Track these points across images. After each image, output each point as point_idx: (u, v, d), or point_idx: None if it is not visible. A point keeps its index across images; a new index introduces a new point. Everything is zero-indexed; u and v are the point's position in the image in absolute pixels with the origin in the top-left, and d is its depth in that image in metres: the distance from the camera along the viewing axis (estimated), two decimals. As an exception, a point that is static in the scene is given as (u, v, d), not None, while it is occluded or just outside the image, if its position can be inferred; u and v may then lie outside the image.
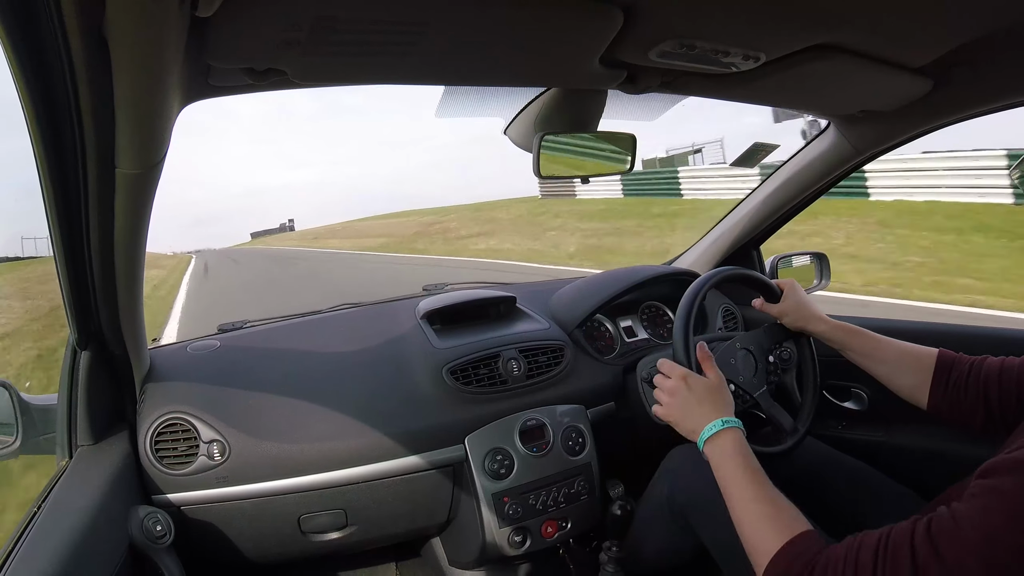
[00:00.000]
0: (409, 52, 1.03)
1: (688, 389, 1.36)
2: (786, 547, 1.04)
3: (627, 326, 2.23)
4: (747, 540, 1.12)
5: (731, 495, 1.18)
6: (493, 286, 2.43)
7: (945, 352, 1.37)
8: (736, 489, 1.18)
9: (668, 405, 1.38)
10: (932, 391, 1.36)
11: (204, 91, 1.06)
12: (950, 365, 1.35)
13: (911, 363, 1.40)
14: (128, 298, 1.33)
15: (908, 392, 1.41)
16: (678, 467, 1.64)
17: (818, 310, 1.60)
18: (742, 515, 1.15)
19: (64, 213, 1.02)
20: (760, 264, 2.45)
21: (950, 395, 1.33)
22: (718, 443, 1.26)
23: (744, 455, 1.22)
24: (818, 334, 1.58)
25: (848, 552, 0.96)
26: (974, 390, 1.29)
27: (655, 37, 1.08)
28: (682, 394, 1.36)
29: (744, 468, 1.20)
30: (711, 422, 1.29)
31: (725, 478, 1.21)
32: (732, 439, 1.26)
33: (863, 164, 1.97)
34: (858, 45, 1.22)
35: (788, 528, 1.07)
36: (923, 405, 1.38)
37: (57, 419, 1.47)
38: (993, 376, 1.27)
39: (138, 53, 0.73)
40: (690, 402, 1.34)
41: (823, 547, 1.01)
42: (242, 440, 1.60)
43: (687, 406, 1.34)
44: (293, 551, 1.76)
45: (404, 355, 1.87)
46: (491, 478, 1.75)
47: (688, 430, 1.33)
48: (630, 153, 1.59)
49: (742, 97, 1.51)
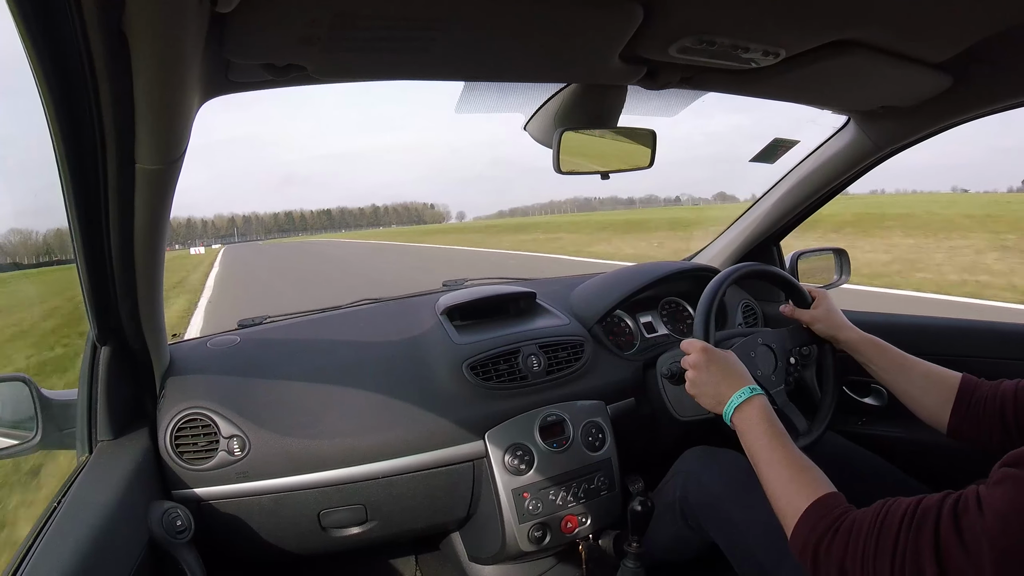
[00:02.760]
0: (428, 48, 1.03)
1: (709, 360, 1.38)
2: (814, 506, 1.07)
3: (647, 322, 2.22)
4: (776, 501, 1.15)
5: (760, 459, 1.21)
6: (513, 281, 2.43)
7: (968, 377, 1.37)
8: (765, 453, 1.20)
9: (692, 379, 1.40)
10: (953, 415, 1.35)
11: (224, 87, 1.07)
12: (972, 390, 1.34)
13: (935, 386, 1.40)
14: (148, 293, 1.33)
15: (928, 414, 1.41)
16: (692, 470, 1.64)
17: (847, 321, 1.59)
18: (771, 478, 1.17)
19: (84, 209, 1.03)
20: (780, 260, 2.44)
21: (970, 418, 1.33)
22: (746, 410, 1.29)
23: (771, 421, 1.26)
24: (846, 344, 1.57)
25: (876, 515, 0.99)
26: (991, 411, 1.29)
27: (675, 33, 1.08)
28: (703, 367, 1.38)
29: (772, 434, 1.23)
30: (737, 391, 1.31)
31: (754, 444, 1.24)
32: (760, 406, 1.29)
33: (883, 160, 1.96)
34: (878, 41, 1.21)
35: (816, 489, 1.10)
36: (943, 428, 1.38)
37: (77, 414, 1.47)
38: (1009, 396, 1.27)
39: (158, 49, 0.74)
40: (713, 373, 1.36)
41: (849, 508, 1.05)
42: (262, 435, 1.60)
43: (712, 377, 1.36)
44: (313, 546, 1.76)
45: (424, 351, 1.87)
46: (511, 474, 1.75)
47: (714, 401, 1.35)
48: (650, 149, 1.59)
49: (762, 93, 1.50)
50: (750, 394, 1.30)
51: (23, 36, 0.69)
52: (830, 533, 1.02)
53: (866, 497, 1.60)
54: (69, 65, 0.75)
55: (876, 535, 0.96)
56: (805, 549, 1.06)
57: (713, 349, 1.41)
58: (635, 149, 1.59)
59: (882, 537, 0.95)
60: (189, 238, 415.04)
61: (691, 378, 1.40)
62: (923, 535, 0.90)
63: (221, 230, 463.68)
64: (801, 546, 1.07)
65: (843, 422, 2.01)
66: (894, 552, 0.93)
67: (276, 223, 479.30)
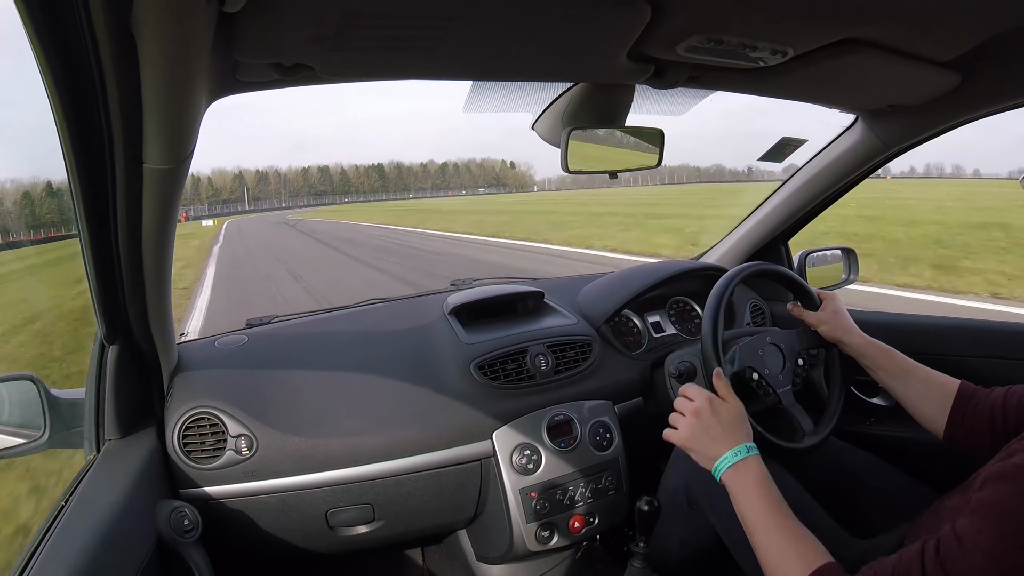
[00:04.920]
0: (436, 48, 1.03)
1: (714, 413, 1.32)
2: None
3: (655, 321, 2.22)
4: (765, 567, 1.12)
5: (755, 526, 1.17)
6: (521, 281, 2.43)
7: (965, 384, 1.37)
8: (761, 521, 1.16)
9: (689, 427, 1.33)
10: (949, 423, 1.36)
11: (232, 86, 1.07)
12: (968, 397, 1.35)
13: (936, 393, 1.40)
14: (156, 293, 1.33)
15: (927, 421, 1.41)
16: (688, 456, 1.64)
17: (854, 324, 1.59)
18: (765, 545, 1.14)
19: (92, 208, 1.03)
20: (788, 260, 2.44)
21: (964, 427, 1.34)
22: (742, 470, 1.24)
23: (767, 485, 1.21)
24: (851, 348, 1.57)
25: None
26: (983, 419, 1.30)
27: (683, 32, 1.08)
28: (706, 417, 1.32)
29: (768, 499, 1.18)
30: (734, 447, 1.26)
31: (748, 508, 1.19)
32: (756, 466, 1.24)
33: (891, 159, 1.96)
34: (886, 39, 1.21)
35: (811, 560, 1.06)
36: (940, 435, 1.39)
37: (85, 413, 1.47)
38: (998, 403, 1.28)
39: (166, 49, 0.74)
40: (714, 426, 1.31)
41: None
42: (270, 435, 1.61)
43: (711, 430, 1.31)
44: (320, 545, 1.76)
45: (432, 350, 1.87)
46: (519, 473, 1.75)
47: (707, 456, 1.29)
48: (658, 148, 1.59)
49: (770, 92, 1.50)
50: (747, 453, 1.25)
51: (31, 36, 0.69)
52: None
53: (873, 500, 1.61)
54: (77, 65, 0.75)
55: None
56: None
57: (719, 401, 1.35)
58: (643, 148, 1.59)
59: None
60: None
61: (688, 424, 1.34)
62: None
63: (222, 192, 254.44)
64: None
65: (850, 422, 2.00)
66: None
67: (306, 182, 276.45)
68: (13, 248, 73.54)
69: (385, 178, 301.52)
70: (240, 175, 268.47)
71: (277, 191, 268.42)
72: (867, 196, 28.31)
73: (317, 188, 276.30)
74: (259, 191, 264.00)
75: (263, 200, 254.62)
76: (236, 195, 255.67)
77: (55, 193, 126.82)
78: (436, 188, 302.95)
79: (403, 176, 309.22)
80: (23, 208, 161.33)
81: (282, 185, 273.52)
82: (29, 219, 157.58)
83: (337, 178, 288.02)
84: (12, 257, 45.32)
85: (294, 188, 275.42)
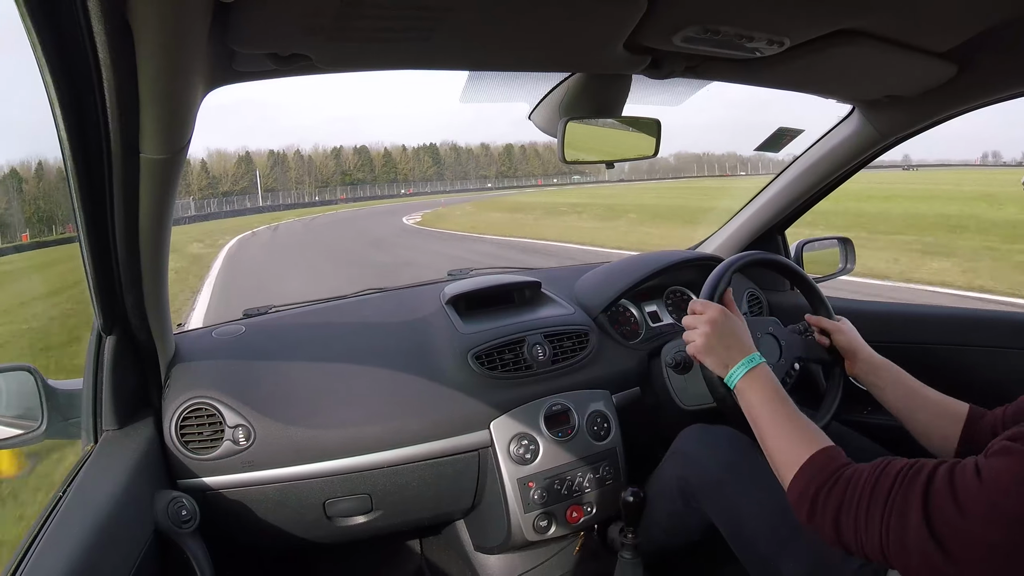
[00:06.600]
0: (433, 37, 1.03)
1: (727, 322, 1.37)
2: (816, 455, 1.12)
3: (652, 311, 2.22)
4: (776, 455, 1.19)
5: (762, 418, 1.25)
6: (518, 271, 2.43)
7: (975, 408, 1.37)
8: (768, 411, 1.24)
9: (706, 336, 1.37)
10: (959, 448, 1.35)
11: (228, 76, 1.07)
12: (977, 420, 1.35)
13: (945, 420, 1.39)
14: (153, 283, 1.33)
15: (935, 447, 1.40)
16: (690, 450, 1.65)
17: (865, 343, 1.57)
18: (772, 434, 1.21)
19: (89, 198, 1.03)
20: (785, 249, 2.44)
21: (973, 448, 1.31)
22: (755, 376, 1.30)
23: (777, 387, 1.28)
24: (865, 362, 1.54)
25: (874, 469, 1.03)
26: (988, 435, 1.29)
27: (679, 22, 1.08)
28: (720, 327, 1.37)
29: (776, 395, 1.26)
30: (747, 355, 1.32)
31: (757, 404, 1.27)
32: (767, 372, 1.31)
33: (888, 149, 1.96)
34: (882, 30, 1.21)
35: (817, 442, 1.14)
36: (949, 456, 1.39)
37: (82, 404, 1.47)
38: (999, 418, 1.29)
39: (162, 38, 0.74)
40: (728, 335, 1.36)
41: (849, 461, 1.10)
42: (267, 425, 1.61)
43: (725, 339, 1.36)
44: (318, 535, 1.77)
45: (429, 340, 1.87)
46: (516, 463, 1.76)
47: (722, 363, 1.35)
48: (655, 138, 1.59)
49: (766, 82, 1.50)
50: (759, 360, 1.32)
51: (28, 26, 0.69)
52: (830, 482, 1.06)
53: None
54: (73, 55, 0.75)
55: (872, 486, 1.01)
56: (803, 498, 1.09)
57: (729, 313, 1.40)
58: (640, 138, 1.59)
59: (877, 488, 1.00)
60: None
61: (704, 333, 1.37)
62: (915, 487, 0.96)
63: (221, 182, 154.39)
64: (799, 495, 1.10)
65: (847, 410, 2.01)
66: (886, 501, 0.98)
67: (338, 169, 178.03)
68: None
69: (440, 163, 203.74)
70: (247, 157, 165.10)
71: (299, 178, 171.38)
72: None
73: (354, 176, 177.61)
74: (273, 179, 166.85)
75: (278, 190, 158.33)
76: (241, 185, 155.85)
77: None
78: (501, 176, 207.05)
79: (461, 160, 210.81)
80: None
81: (307, 171, 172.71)
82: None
83: (380, 162, 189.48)
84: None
85: (326, 175, 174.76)
